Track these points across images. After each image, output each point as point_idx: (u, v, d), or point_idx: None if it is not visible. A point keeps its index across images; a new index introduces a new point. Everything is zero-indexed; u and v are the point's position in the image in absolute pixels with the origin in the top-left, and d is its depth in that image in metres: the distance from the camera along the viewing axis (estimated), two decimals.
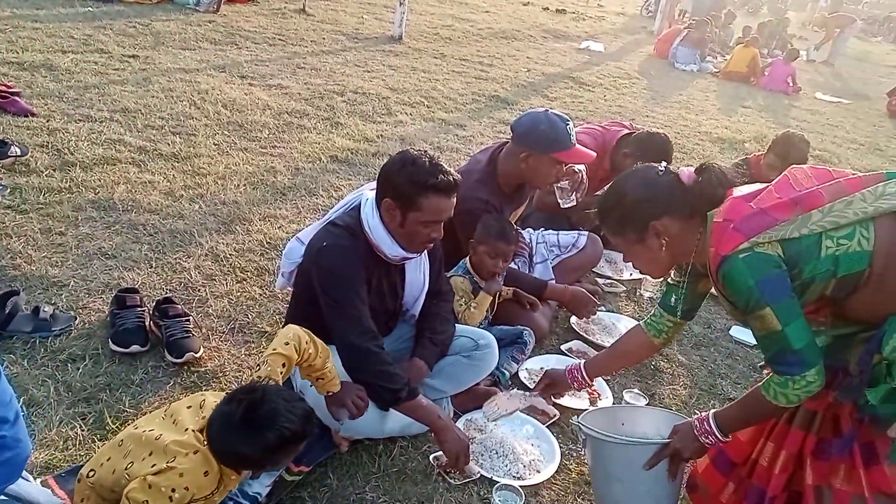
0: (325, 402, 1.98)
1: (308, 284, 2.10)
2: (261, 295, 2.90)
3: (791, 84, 10.60)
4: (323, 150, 4.64)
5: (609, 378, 2.72)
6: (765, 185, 1.66)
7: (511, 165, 2.72)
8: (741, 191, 1.66)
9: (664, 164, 1.77)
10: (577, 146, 2.70)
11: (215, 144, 4.45)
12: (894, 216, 1.54)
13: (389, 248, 2.08)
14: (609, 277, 3.58)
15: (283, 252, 2.30)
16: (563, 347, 2.88)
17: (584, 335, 2.97)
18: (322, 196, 3.95)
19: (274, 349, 1.79)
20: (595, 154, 2.83)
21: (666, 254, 1.73)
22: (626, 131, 3.56)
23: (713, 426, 1.73)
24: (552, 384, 2.27)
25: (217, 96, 5.35)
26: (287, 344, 1.81)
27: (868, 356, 1.62)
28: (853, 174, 1.64)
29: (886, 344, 1.56)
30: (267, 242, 3.32)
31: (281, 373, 1.75)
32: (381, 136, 5.21)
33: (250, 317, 2.75)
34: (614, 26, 14.88)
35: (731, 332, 3.27)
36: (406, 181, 1.98)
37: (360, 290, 2.05)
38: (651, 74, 10.02)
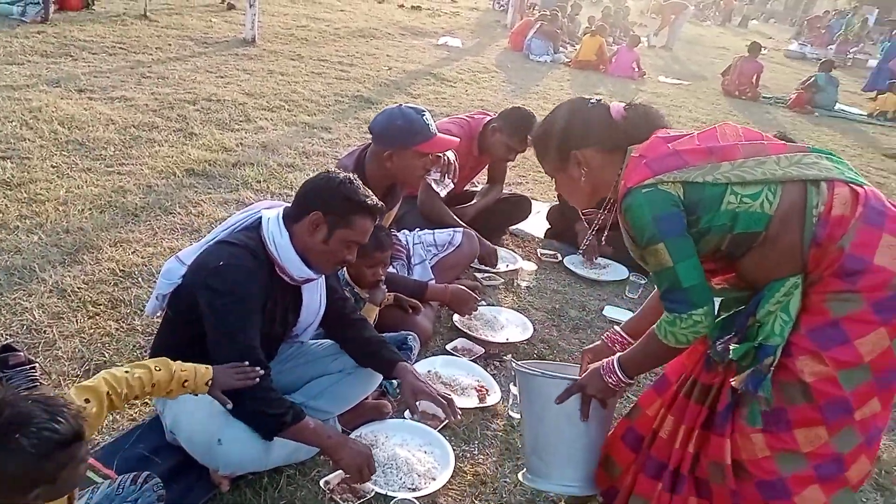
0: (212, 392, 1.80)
1: (189, 306, 1.93)
2: (117, 329, 2.65)
3: (636, 69, 11.27)
4: (177, 164, 4.34)
5: (495, 373, 2.74)
6: (690, 132, 1.69)
7: (377, 167, 2.66)
8: (666, 132, 1.70)
9: (597, 96, 1.80)
10: (439, 134, 2.68)
11: (53, 167, 4.05)
12: (800, 186, 1.57)
13: (297, 269, 1.97)
14: (487, 271, 3.60)
15: (160, 273, 2.09)
16: (448, 347, 2.86)
17: (468, 332, 2.97)
18: (180, 214, 3.69)
19: (81, 383, 1.59)
20: (458, 139, 2.84)
21: (586, 184, 1.76)
22: (490, 118, 3.69)
23: (615, 365, 1.78)
24: (596, 358, 1.98)
25: (52, 114, 4.88)
26: (99, 384, 1.58)
27: (745, 318, 1.69)
28: (780, 142, 1.67)
29: (762, 308, 1.63)
30: (120, 270, 3.04)
31: (84, 408, 1.50)
32: (241, 144, 4.96)
33: (107, 355, 2.50)
34: (469, 21, 15.17)
35: (604, 312, 3.39)
36: (342, 198, 1.95)
37: (255, 317, 1.92)
38: (508, 67, 10.29)
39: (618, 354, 1.82)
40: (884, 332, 1.54)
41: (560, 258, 3.92)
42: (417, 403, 2.09)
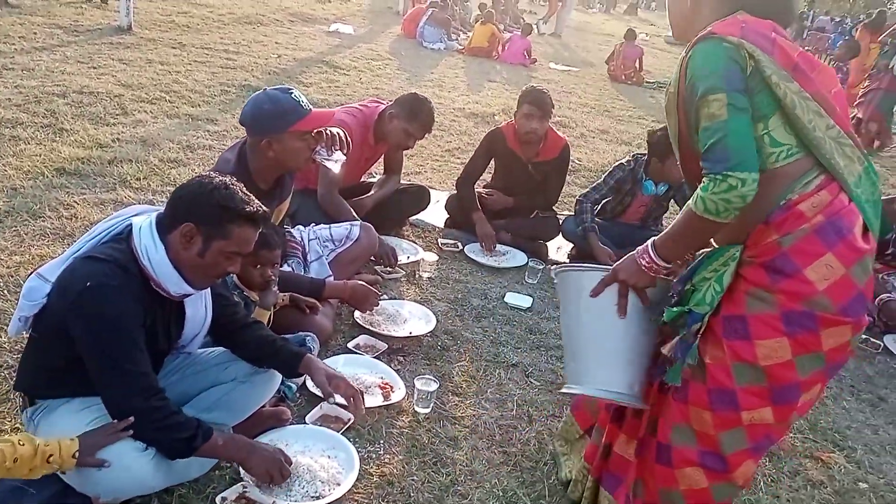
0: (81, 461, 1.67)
1: (57, 328, 1.75)
2: None
3: (528, 57, 11.48)
4: (46, 163, 3.99)
5: (399, 368, 2.69)
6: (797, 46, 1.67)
7: (259, 159, 2.52)
8: (778, 29, 1.67)
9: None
10: (314, 109, 2.55)
11: None
12: (806, 164, 1.58)
13: (175, 285, 1.82)
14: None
15: (22, 293, 1.87)
16: (350, 345, 2.78)
17: (371, 328, 2.90)
18: (50, 218, 3.38)
19: None
20: (335, 111, 2.76)
21: (692, 8, 1.78)
22: (385, 106, 3.64)
23: (649, 246, 1.72)
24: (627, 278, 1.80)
25: None
26: None
27: (682, 283, 1.74)
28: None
29: (698, 273, 1.68)
30: None
31: None
32: (118, 139, 4.63)
33: None
34: (361, 8, 14.94)
35: (505, 299, 3.41)
36: (217, 206, 1.79)
37: (139, 339, 1.77)
38: (402, 55, 10.20)
39: (651, 239, 1.75)
40: (786, 343, 1.56)
41: (461, 247, 3.91)
42: (333, 389, 2.04)
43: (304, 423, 2.28)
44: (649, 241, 1.74)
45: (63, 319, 1.74)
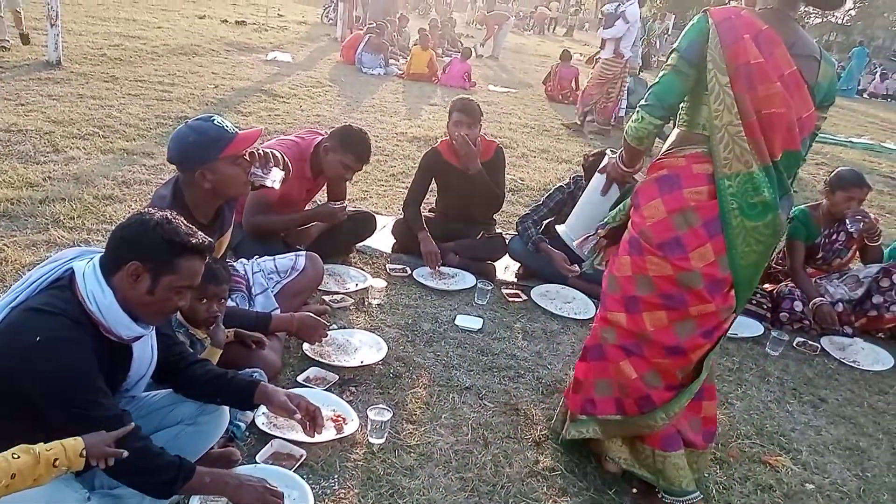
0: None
1: (8, 387, 1.67)
2: None
3: (468, 80, 11.64)
4: None
5: (351, 399, 2.65)
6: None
7: (196, 192, 2.47)
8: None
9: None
10: (239, 131, 2.50)
11: None
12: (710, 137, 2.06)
13: (126, 328, 1.77)
14: (335, 292, 3.51)
15: None
16: (300, 378, 2.73)
17: (320, 359, 2.85)
18: None
19: None
20: (261, 128, 2.71)
21: None
22: (321, 137, 3.61)
23: (618, 157, 2.37)
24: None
25: None
26: None
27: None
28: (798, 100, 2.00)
29: (614, 209, 2.43)
30: None
31: None
32: (50, 177, 4.47)
33: None
34: (298, 35, 14.90)
35: (456, 321, 3.41)
36: (162, 241, 1.76)
37: (101, 384, 1.72)
38: (342, 81, 10.20)
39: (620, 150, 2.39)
40: (628, 261, 2.11)
41: (409, 272, 3.90)
42: (296, 407, 2.03)
43: (255, 462, 2.21)
44: (619, 153, 2.37)
45: (8, 375, 1.66)
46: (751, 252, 2.02)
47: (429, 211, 4.35)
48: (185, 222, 1.85)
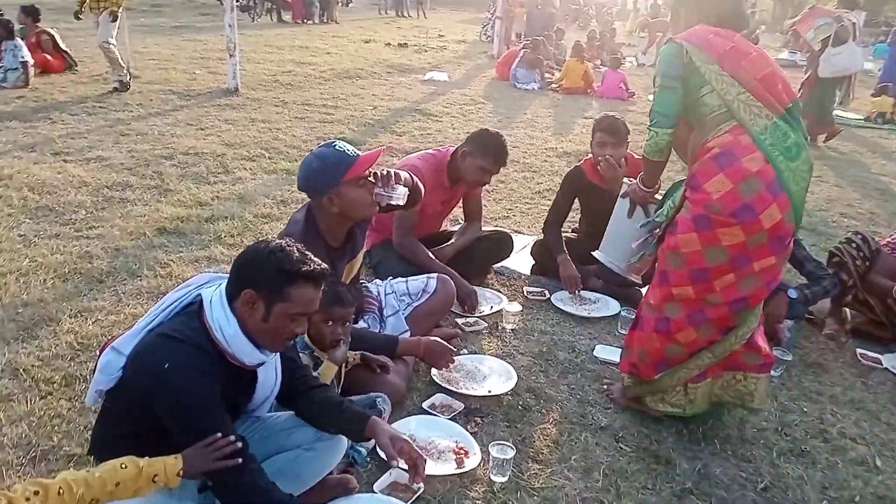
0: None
1: (130, 402, 1.80)
2: (69, 409, 2.47)
3: (625, 89, 11.18)
4: (148, 223, 4.22)
5: (476, 431, 2.54)
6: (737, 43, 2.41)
7: (326, 216, 2.52)
8: (732, 36, 2.42)
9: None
10: (360, 154, 2.51)
11: (20, 236, 3.93)
12: (722, 120, 2.35)
13: (249, 355, 1.83)
14: (468, 315, 3.43)
15: (98, 366, 1.93)
16: (425, 405, 2.66)
17: (447, 386, 2.77)
18: (147, 277, 3.54)
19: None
20: (380, 150, 2.66)
21: (673, 26, 2.71)
22: (456, 146, 3.61)
23: (638, 179, 2.81)
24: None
25: (23, 180, 4.79)
26: (53, 482, 1.49)
27: (662, 201, 2.62)
28: (778, 84, 2.37)
29: (669, 196, 2.57)
30: (78, 344, 2.89)
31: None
32: (217, 197, 4.84)
33: (55, 439, 2.32)
34: (456, 54, 15.20)
35: (595, 352, 3.19)
36: (274, 269, 1.79)
37: (221, 412, 1.79)
38: (496, 97, 10.22)
39: (640, 175, 2.79)
40: (695, 238, 2.29)
41: (547, 295, 3.73)
42: (397, 453, 1.95)
43: (373, 491, 2.17)
44: (639, 176, 2.79)
45: (140, 395, 1.77)
46: (800, 191, 2.29)
47: (571, 231, 4.16)
48: (300, 249, 1.85)
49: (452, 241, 3.72)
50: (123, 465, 1.61)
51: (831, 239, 4.75)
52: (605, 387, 2.90)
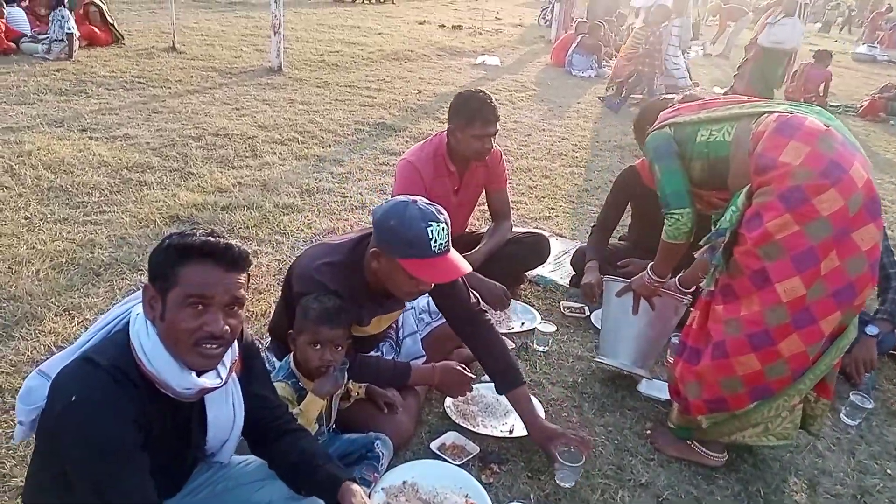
0: None
1: (54, 448, 1.46)
2: None
3: (688, 78, 10.47)
4: (162, 210, 3.94)
5: (491, 482, 2.15)
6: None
7: (367, 262, 2.08)
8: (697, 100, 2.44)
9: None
10: (444, 256, 1.98)
11: (25, 219, 3.70)
12: (749, 119, 2.13)
13: (178, 378, 1.45)
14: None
15: (20, 393, 1.61)
16: (433, 445, 2.28)
17: (462, 423, 2.39)
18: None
19: None
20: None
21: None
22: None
23: (648, 269, 2.53)
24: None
25: (41, 157, 4.58)
26: None
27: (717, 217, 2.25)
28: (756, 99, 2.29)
29: (726, 210, 2.14)
30: (57, 347, 2.61)
31: None
32: (240, 183, 4.55)
33: (7, 466, 2.04)
34: (511, 38, 14.64)
35: (639, 387, 2.74)
36: (163, 251, 1.44)
37: (131, 464, 1.41)
38: (548, 85, 9.69)
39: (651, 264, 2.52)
40: (789, 218, 1.92)
41: (587, 312, 3.30)
42: None
43: None
44: (649, 266, 2.52)
45: (54, 435, 1.43)
46: None
47: (619, 239, 3.70)
48: (207, 230, 1.50)
49: (481, 245, 3.28)
50: None
51: None
52: (647, 432, 2.48)
